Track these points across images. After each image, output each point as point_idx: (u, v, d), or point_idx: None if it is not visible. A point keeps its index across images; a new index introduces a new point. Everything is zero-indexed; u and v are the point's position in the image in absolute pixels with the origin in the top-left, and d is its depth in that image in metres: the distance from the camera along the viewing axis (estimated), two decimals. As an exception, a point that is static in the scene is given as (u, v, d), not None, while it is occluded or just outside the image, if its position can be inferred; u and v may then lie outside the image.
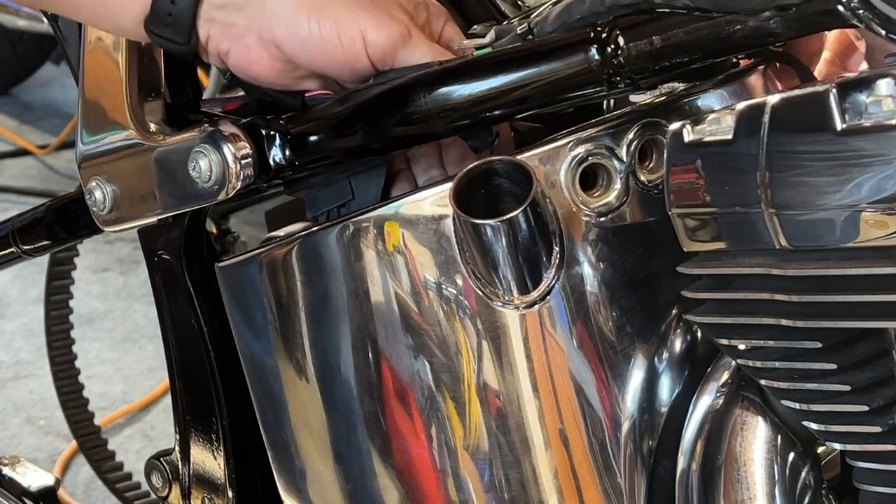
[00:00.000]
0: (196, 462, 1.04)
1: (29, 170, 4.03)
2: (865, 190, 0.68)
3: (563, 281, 0.81)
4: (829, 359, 0.74)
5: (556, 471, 0.82)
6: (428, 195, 0.81)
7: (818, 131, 0.69)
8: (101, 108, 0.96)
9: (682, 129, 0.75)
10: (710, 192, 0.74)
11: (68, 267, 1.91)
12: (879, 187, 0.68)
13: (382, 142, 0.86)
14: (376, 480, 0.86)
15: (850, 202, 0.69)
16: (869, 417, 0.74)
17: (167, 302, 1.02)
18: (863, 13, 0.69)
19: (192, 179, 0.88)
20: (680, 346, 0.84)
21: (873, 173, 0.68)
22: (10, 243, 1.20)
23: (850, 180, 0.68)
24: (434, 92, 0.83)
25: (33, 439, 2.50)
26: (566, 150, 0.81)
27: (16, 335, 2.92)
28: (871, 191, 0.68)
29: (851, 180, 0.68)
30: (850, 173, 0.68)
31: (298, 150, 0.87)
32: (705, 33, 0.77)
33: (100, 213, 0.97)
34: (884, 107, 0.67)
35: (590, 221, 0.81)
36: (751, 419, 0.81)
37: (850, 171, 0.68)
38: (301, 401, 0.89)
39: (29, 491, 1.39)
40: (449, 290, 0.81)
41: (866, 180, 0.68)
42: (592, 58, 0.79)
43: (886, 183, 0.67)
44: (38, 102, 4.68)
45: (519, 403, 0.82)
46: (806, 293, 0.73)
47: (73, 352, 1.97)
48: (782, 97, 0.71)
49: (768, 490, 0.80)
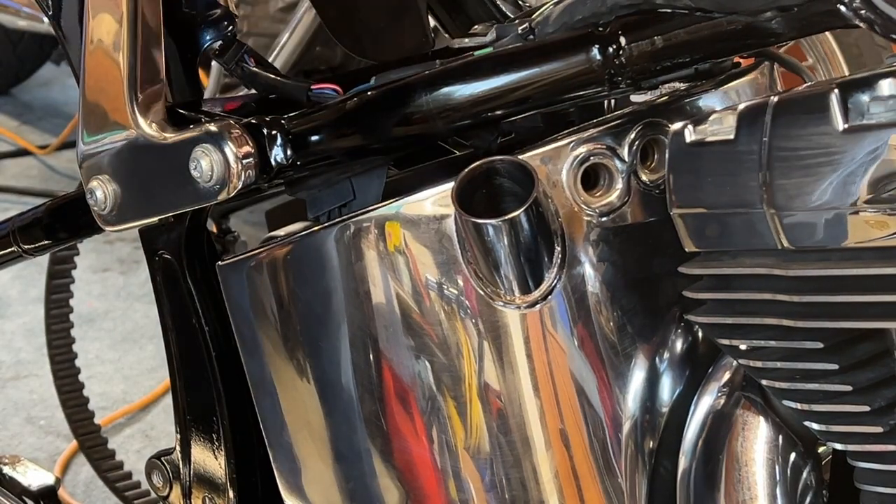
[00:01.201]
0: (197, 461, 1.04)
1: (29, 170, 4.03)
2: (867, 190, 0.68)
3: (565, 281, 0.80)
4: (831, 359, 0.74)
5: (557, 471, 0.82)
6: (429, 195, 0.81)
7: (820, 131, 0.69)
8: (102, 108, 0.96)
9: (683, 130, 0.75)
10: (712, 193, 0.74)
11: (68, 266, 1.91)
12: (881, 187, 0.68)
13: (384, 142, 0.86)
14: (377, 480, 0.86)
15: (851, 202, 0.69)
16: (870, 418, 0.74)
17: (168, 301, 1.02)
18: (864, 13, 0.69)
19: (194, 179, 0.88)
20: (681, 347, 0.84)
21: (875, 174, 0.68)
22: (11, 242, 1.20)
23: (851, 180, 0.68)
24: (435, 92, 0.83)
25: (34, 439, 2.50)
26: (568, 149, 0.81)
27: (16, 335, 2.92)
28: (873, 191, 0.68)
29: (853, 180, 0.68)
30: (852, 173, 0.68)
31: (300, 149, 0.87)
32: (707, 33, 0.77)
33: (101, 213, 0.97)
34: (886, 107, 0.67)
35: (591, 221, 0.81)
36: (752, 419, 0.81)
37: (851, 172, 0.68)
38: (302, 400, 0.89)
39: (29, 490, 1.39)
40: (450, 290, 0.81)
41: (868, 181, 0.68)
42: (594, 58, 0.79)
43: (888, 183, 0.67)
44: (38, 102, 4.68)
45: (520, 403, 0.82)
46: (807, 293, 0.73)
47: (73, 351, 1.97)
48: (784, 97, 0.71)
49: (769, 490, 0.79)
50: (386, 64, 1.03)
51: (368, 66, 1.07)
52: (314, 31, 2.77)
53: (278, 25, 2.97)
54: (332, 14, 1.19)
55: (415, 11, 1.17)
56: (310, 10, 2.76)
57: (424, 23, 1.17)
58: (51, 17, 1.07)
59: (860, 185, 0.68)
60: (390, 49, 1.16)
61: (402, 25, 1.17)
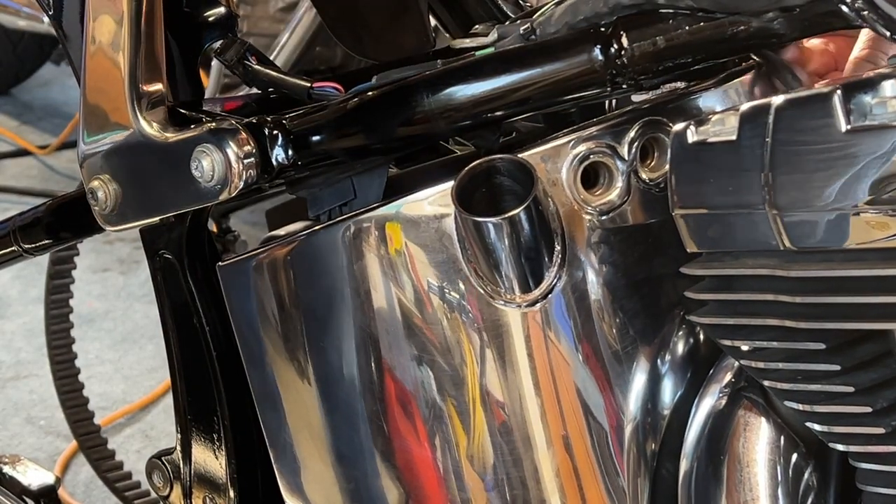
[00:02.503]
0: (197, 461, 1.03)
1: (29, 170, 4.03)
2: (869, 191, 0.68)
3: (565, 279, 0.80)
4: (833, 360, 0.74)
5: (559, 470, 0.82)
6: (429, 194, 0.81)
7: (823, 132, 0.69)
8: (103, 108, 0.96)
9: (685, 130, 0.75)
10: (714, 193, 0.74)
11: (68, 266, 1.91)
12: (883, 188, 0.68)
13: (385, 142, 0.86)
14: (378, 480, 0.86)
15: (854, 203, 0.68)
16: (872, 419, 0.74)
17: (168, 301, 1.02)
18: (867, 14, 0.69)
19: (195, 179, 0.88)
20: (683, 347, 0.84)
21: (878, 174, 0.67)
22: (12, 242, 1.20)
23: (854, 181, 0.68)
24: (437, 92, 0.83)
25: (34, 439, 2.50)
26: (567, 148, 0.81)
27: (16, 335, 2.92)
28: (875, 192, 0.68)
29: (856, 181, 0.68)
30: (855, 174, 0.68)
31: (301, 149, 0.87)
32: (708, 34, 0.77)
33: (102, 213, 0.97)
34: (888, 108, 0.67)
35: (592, 220, 0.81)
36: (754, 420, 0.80)
37: (854, 173, 0.68)
38: (302, 400, 0.89)
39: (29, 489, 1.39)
40: (450, 289, 0.81)
41: (871, 181, 0.68)
42: (596, 58, 0.79)
43: (891, 184, 0.67)
44: (38, 102, 4.68)
45: (521, 402, 0.82)
46: (809, 294, 0.73)
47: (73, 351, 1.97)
48: (787, 98, 0.71)
49: (771, 491, 0.79)
50: (387, 64, 1.03)
51: (369, 65, 1.07)
52: (314, 31, 2.78)
53: (278, 25, 2.97)
54: (333, 14, 1.19)
55: (415, 11, 1.17)
56: (310, 10, 2.76)
57: (425, 22, 1.17)
58: (51, 17, 1.07)
59: (862, 186, 0.68)
60: (391, 49, 1.16)
61: (403, 25, 1.17)
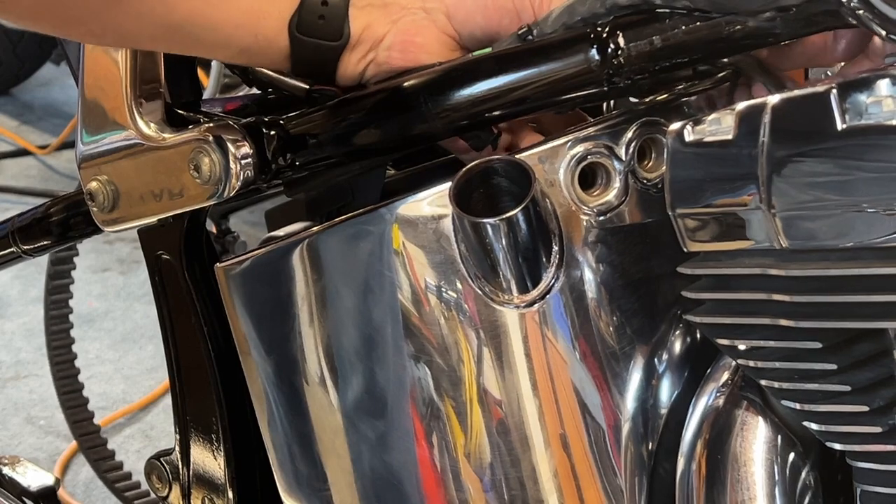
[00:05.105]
0: (196, 462, 1.04)
1: (29, 170, 4.03)
2: (865, 190, 0.68)
3: (563, 280, 0.80)
4: (829, 359, 0.74)
5: (556, 470, 0.82)
6: (427, 195, 0.81)
7: (819, 132, 0.69)
8: (101, 108, 0.96)
9: (682, 130, 0.75)
10: (711, 193, 0.74)
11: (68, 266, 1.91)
12: (879, 188, 0.68)
13: (382, 143, 0.86)
14: (376, 480, 0.86)
15: (849, 202, 0.68)
16: (869, 418, 0.74)
17: (167, 302, 1.02)
18: (862, 13, 0.69)
19: (193, 179, 0.88)
20: (680, 347, 0.84)
21: (873, 174, 0.68)
22: (11, 243, 1.20)
23: (850, 181, 0.68)
24: (434, 92, 0.83)
25: (33, 439, 2.50)
26: (565, 148, 0.81)
27: (16, 335, 2.92)
28: (871, 191, 0.68)
29: (851, 181, 0.68)
30: (851, 174, 0.68)
31: (298, 150, 0.87)
32: (705, 34, 0.77)
33: (100, 213, 0.97)
34: (884, 107, 0.67)
35: (589, 220, 0.81)
36: (751, 419, 0.81)
37: (850, 172, 0.68)
38: (300, 401, 0.89)
39: (29, 491, 1.39)
40: (448, 290, 0.81)
41: (866, 181, 0.68)
42: (592, 58, 0.79)
43: (886, 183, 0.67)
44: (38, 102, 4.68)
45: (518, 403, 0.82)
46: (806, 293, 0.73)
47: (72, 351, 1.97)
48: (783, 97, 0.71)
49: (768, 490, 0.79)
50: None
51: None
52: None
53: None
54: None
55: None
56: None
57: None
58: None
59: (859, 185, 0.68)
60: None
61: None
